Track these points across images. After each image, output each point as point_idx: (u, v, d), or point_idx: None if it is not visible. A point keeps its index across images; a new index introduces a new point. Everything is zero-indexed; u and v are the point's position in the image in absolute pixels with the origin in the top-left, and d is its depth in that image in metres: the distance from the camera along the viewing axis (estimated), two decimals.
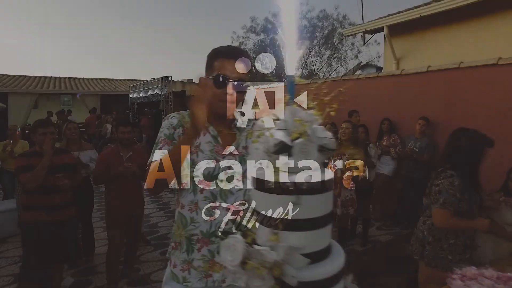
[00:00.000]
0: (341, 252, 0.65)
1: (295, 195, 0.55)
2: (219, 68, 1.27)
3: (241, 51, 1.33)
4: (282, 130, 0.61)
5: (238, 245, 0.57)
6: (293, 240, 0.57)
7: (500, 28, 5.59)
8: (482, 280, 1.48)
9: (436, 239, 2.25)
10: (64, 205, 2.84)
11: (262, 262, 0.52)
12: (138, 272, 3.66)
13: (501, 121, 4.09)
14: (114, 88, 16.72)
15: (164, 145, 1.28)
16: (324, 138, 0.62)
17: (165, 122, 1.35)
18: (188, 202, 1.31)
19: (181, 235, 1.33)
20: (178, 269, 1.32)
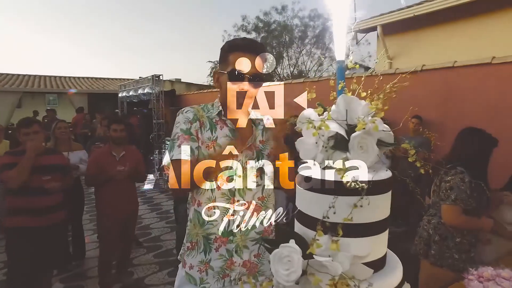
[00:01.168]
0: (397, 259, 0.58)
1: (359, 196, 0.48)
2: (234, 63, 1.22)
3: (258, 45, 1.29)
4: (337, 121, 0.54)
5: (294, 256, 0.49)
6: (355, 247, 0.49)
7: (493, 27, 5.66)
8: (500, 281, 1.45)
9: (442, 238, 2.24)
10: (52, 209, 2.68)
11: (333, 277, 0.44)
12: (131, 276, 3.54)
13: (495, 120, 4.12)
14: (102, 87, 16.37)
15: (183, 141, 1.23)
16: (382, 131, 0.55)
17: (180, 117, 1.30)
18: (205, 199, 1.27)
19: (198, 234, 1.29)
20: (195, 271, 1.28)
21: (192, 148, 1.22)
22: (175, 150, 1.21)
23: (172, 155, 1.21)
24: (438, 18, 6.25)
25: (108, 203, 3.16)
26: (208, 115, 1.31)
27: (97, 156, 3.25)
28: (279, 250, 0.51)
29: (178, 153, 1.20)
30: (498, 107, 4.17)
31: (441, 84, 4.86)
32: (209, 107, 1.35)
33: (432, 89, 4.96)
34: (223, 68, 1.27)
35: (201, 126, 1.28)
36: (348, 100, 0.56)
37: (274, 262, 0.51)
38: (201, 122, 1.29)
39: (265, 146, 1.34)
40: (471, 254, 2.21)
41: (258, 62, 1.24)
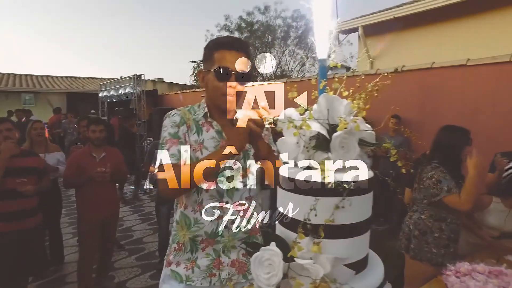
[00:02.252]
0: (379, 260, 0.58)
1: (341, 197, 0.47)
2: (220, 60, 1.21)
3: (242, 42, 1.28)
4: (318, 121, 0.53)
5: (275, 260, 0.47)
6: (337, 249, 0.49)
7: (469, 30, 5.86)
8: (476, 276, 1.50)
9: (421, 233, 2.34)
10: (28, 213, 2.58)
11: (314, 280, 0.43)
12: (112, 280, 3.45)
13: (470, 119, 4.26)
14: (82, 86, 15.93)
15: (171, 145, 1.22)
16: (364, 131, 0.55)
17: (167, 121, 1.29)
18: (191, 202, 1.27)
19: (185, 236, 1.29)
20: (181, 268, 1.28)
21: (181, 152, 1.21)
22: (164, 155, 1.21)
23: (160, 159, 1.21)
24: (417, 20, 6.42)
25: (88, 205, 3.08)
26: (195, 117, 1.30)
27: (77, 157, 3.15)
28: (260, 253, 0.50)
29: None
30: (473, 108, 4.32)
31: (420, 85, 4.99)
32: (195, 109, 1.34)
33: (411, 89, 5.08)
34: (208, 66, 1.25)
35: (188, 129, 1.28)
36: (330, 99, 0.55)
37: (254, 266, 0.50)
38: (188, 125, 1.28)
39: (251, 146, 1.31)
40: (450, 249, 2.29)
41: (244, 59, 1.22)
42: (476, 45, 5.60)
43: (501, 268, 1.54)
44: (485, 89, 4.24)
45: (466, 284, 1.42)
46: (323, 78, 0.58)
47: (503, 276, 1.48)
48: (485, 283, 1.42)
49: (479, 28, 5.70)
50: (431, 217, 2.32)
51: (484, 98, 4.24)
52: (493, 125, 4.04)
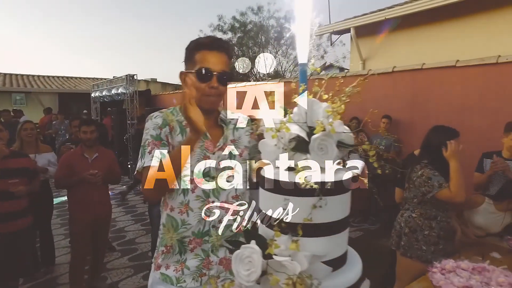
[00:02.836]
0: (357, 257, 0.60)
1: (318, 197, 0.49)
2: (201, 61, 1.20)
3: (224, 43, 1.28)
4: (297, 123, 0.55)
5: (255, 257, 0.49)
6: (314, 246, 0.51)
7: (458, 32, 5.95)
8: (460, 272, 1.54)
9: (411, 230, 2.38)
10: (19, 214, 2.57)
11: (290, 276, 0.46)
12: (105, 281, 3.44)
13: (458, 119, 4.34)
14: (74, 86, 15.78)
15: (153, 148, 1.21)
16: (342, 133, 0.57)
17: (148, 123, 1.27)
18: (177, 204, 1.25)
19: (172, 238, 1.27)
20: (171, 270, 1.27)
21: (164, 154, 1.19)
22: (146, 157, 1.20)
23: (143, 162, 1.20)
24: (408, 21, 6.50)
25: (79, 206, 3.06)
26: (178, 118, 1.29)
27: (68, 158, 3.13)
28: (240, 251, 0.52)
29: (149, 159, 1.18)
30: (461, 108, 4.40)
31: (410, 85, 5.06)
32: (178, 110, 1.32)
33: (402, 90, 5.16)
34: (189, 68, 1.24)
35: (171, 130, 1.26)
36: (309, 102, 0.57)
37: (235, 263, 0.52)
38: (171, 126, 1.27)
39: (237, 145, 1.34)
40: (439, 246, 2.33)
41: (225, 60, 1.23)
42: (465, 46, 5.69)
43: (484, 265, 1.59)
44: (473, 90, 4.32)
45: (450, 281, 1.46)
46: (303, 82, 0.59)
47: (485, 272, 1.53)
48: (468, 279, 1.46)
49: (468, 30, 5.80)
50: (421, 216, 2.37)
51: (471, 98, 4.32)
52: (480, 125, 4.12)
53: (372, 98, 5.54)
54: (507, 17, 5.37)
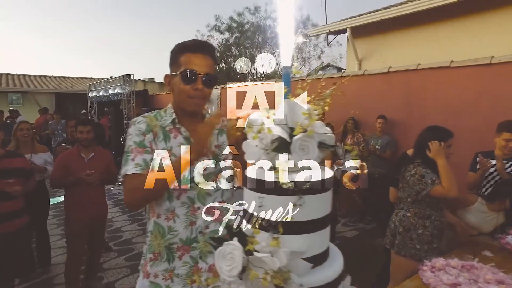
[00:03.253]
0: (339, 253, 0.62)
1: (297, 196, 0.51)
2: (186, 63, 1.20)
3: (208, 46, 1.27)
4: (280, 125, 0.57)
5: (236, 253, 0.52)
6: (295, 244, 0.53)
7: (453, 32, 6.00)
8: (449, 270, 1.56)
9: (406, 229, 2.41)
10: (15, 214, 2.58)
11: (266, 271, 0.48)
12: (101, 281, 3.44)
13: (453, 119, 4.37)
14: (71, 86, 15.73)
15: (136, 155, 1.19)
16: (323, 134, 0.59)
17: (132, 128, 1.25)
18: (163, 210, 1.24)
19: (160, 245, 1.26)
20: (160, 279, 1.25)
21: (147, 161, 1.19)
22: (128, 164, 1.18)
23: (126, 169, 1.18)
24: (403, 22, 6.53)
25: (76, 206, 3.07)
26: (161, 123, 1.27)
27: (65, 158, 3.13)
28: (223, 248, 0.54)
29: (132, 167, 1.17)
30: (456, 108, 4.43)
31: (406, 85, 5.10)
32: (162, 114, 1.31)
33: (397, 90, 5.19)
34: (174, 70, 1.24)
35: (154, 136, 1.24)
36: (291, 104, 0.59)
37: (218, 259, 0.54)
38: (154, 132, 1.25)
39: (221, 150, 1.33)
40: (433, 245, 2.36)
41: (210, 62, 1.23)
42: (460, 47, 5.74)
43: (473, 263, 1.62)
44: (467, 90, 4.36)
45: (440, 278, 1.48)
46: (287, 84, 0.61)
47: (474, 270, 1.55)
48: (457, 276, 1.49)
49: (463, 31, 5.85)
50: (415, 215, 2.40)
51: (466, 99, 4.35)
52: (474, 125, 4.16)
53: (368, 98, 5.58)
54: (501, 19, 5.42)
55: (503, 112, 3.76)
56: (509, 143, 2.82)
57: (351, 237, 4.85)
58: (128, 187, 1.17)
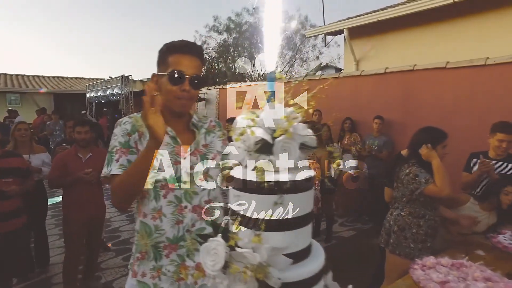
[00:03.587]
0: (321, 250, 0.65)
1: (278, 195, 0.54)
2: (174, 64, 1.20)
3: (196, 46, 1.27)
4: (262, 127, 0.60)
5: (219, 249, 0.55)
6: (276, 240, 0.56)
7: (449, 33, 6.04)
8: (439, 268, 1.59)
9: (400, 228, 2.44)
10: (13, 214, 2.60)
11: (246, 265, 0.51)
12: (99, 281, 3.47)
13: (449, 119, 4.41)
14: (69, 87, 15.74)
15: (121, 155, 1.20)
16: (305, 136, 0.62)
17: (117, 129, 1.25)
18: (150, 210, 1.25)
19: (147, 244, 1.26)
20: (147, 278, 1.26)
21: (131, 161, 1.19)
22: (113, 165, 1.18)
23: (110, 169, 1.18)
24: (400, 23, 6.57)
25: (74, 206, 3.09)
26: None
27: (62, 158, 3.16)
28: (208, 244, 0.57)
29: (116, 168, 1.17)
30: (451, 108, 4.47)
31: (402, 86, 5.13)
32: None
33: (394, 91, 5.23)
34: (162, 70, 1.23)
35: (140, 136, 1.24)
36: (275, 108, 0.62)
37: (203, 255, 0.57)
38: (140, 132, 1.25)
39: (209, 149, 1.33)
40: (427, 244, 2.40)
41: (197, 64, 1.23)
42: (456, 48, 5.78)
43: (462, 261, 1.65)
44: (462, 90, 4.40)
45: (430, 277, 1.51)
46: (270, 89, 0.64)
47: (463, 268, 1.58)
48: (446, 274, 1.52)
49: (459, 32, 5.89)
50: (410, 214, 2.43)
51: (461, 99, 4.40)
52: (470, 125, 4.20)
53: (365, 98, 5.62)
54: (496, 20, 5.47)
55: (498, 112, 3.80)
56: (502, 144, 2.85)
57: (348, 237, 4.87)
58: (112, 188, 1.17)
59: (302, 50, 16.30)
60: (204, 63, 1.28)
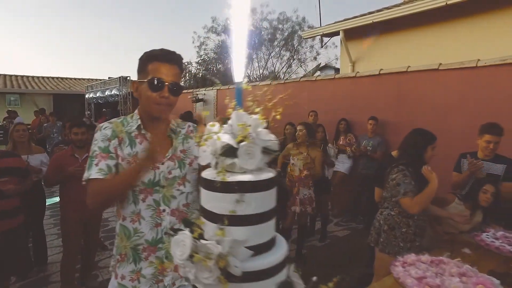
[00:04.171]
0: (284, 244, 0.72)
1: (239, 193, 0.61)
2: (153, 71, 1.24)
3: (175, 55, 1.30)
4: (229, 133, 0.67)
5: (186, 240, 0.62)
6: (237, 234, 0.62)
7: (441, 36, 6.11)
8: (419, 265, 1.66)
9: (390, 227, 2.50)
10: (10, 213, 2.64)
11: (208, 255, 0.57)
12: (96, 279, 3.53)
13: (441, 120, 4.48)
14: (68, 87, 15.80)
15: (100, 160, 1.23)
16: (268, 141, 0.69)
17: (98, 134, 1.28)
18: (129, 213, 1.28)
19: (126, 246, 1.30)
20: (127, 280, 1.29)
21: (110, 166, 1.22)
22: (92, 169, 1.22)
23: (90, 173, 1.22)
24: (394, 25, 6.63)
25: (71, 205, 3.15)
26: (127, 129, 1.31)
27: (58, 158, 3.22)
28: (177, 237, 0.64)
29: (95, 172, 1.21)
30: (443, 109, 4.54)
31: (396, 87, 5.20)
32: (128, 120, 1.34)
33: (388, 92, 5.29)
34: (142, 77, 1.27)
35: (120, 142, 1.27)
36: (240, 115, 0.69)
37: (173, 246, 0.64)
38: (120, 138, 1.28)
39: (186, 155, 1.35)
40: (416, 243, 2.46)
41: (176, 72, 1.27)
42: (449, 50, 5.86)
43: (442, 258, 1.71)
44: (454, 92, 4.47)
45: (409, 273, 1.58)
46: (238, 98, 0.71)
47: (442, 264, 1.65)
48: (425, 271, 1.58)
49: (451, 34, 5.96)
50: (400, 214, 2.49)
51: (452, 100, 4.46)
52: (461, 125, 4.26)
53: (360, 99, 5.68)
54: (487, 23, 5.55)
55: (488, 113, 3.86)
56: (489, 145, 2.91)
57: (342, 236, 4.93)
58: (90, 191, 1.21)
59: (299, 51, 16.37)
60: (183, 71, 1.32)
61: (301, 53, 16.38)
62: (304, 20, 15.88)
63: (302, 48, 16.17)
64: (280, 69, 16.74)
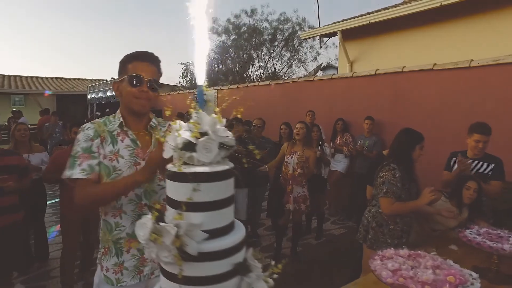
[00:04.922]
0: (242, 229, 0.80)
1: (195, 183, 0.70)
2: (132, 70, 1.31)
3: (153, 55, 1.37)
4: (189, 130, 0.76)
5: (148, 223, 0.70)
6: (194, 218, 0.71)
7: (436, 37, 6.16)
8: (396, 259, 1.72)
9: (378, 224, 2.57)
10: (9, 209, 2.72)
11: (165, 236, 0.66)
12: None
13: (435, 119, 4.53)
14: (71, 88, 15.99)
15: (83, 160, 1.28)
16: (225, 137, 0.77)
17: (80, 135, 1.33)
18: (110, 208, 1.34)
19: (108, 240, 1.36)
20: (110, 273, 1.36)
21: (92, 166, 1.28)
22: (75, 169, 1.27)
23: (72, 173, 1.27)
24: (391, 26, 6.68)
25: (70, 203, 3.24)
26: (109, 128, 1.36)
27: (58, 156, 3.30)
28: (141, 220, 0.73)
29: (78, 171, 1.26)
30: (437, 108, 4.58)
31: (392, 87, 5.25)
32: (110, 119, 1.40)
33: (384, 92, 5.34)
34: (122, 77, 1.34)
35: (102, 141, 1.32)
36: (200, 115, 0.78)
37: (137, 228, 0.73)
38: (102, 137, 1.33)
39: None
40: (403, 240, 2.53)
41: (155, 70, 1.35)
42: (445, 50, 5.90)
43: (419, 252, 1.78)
44: (448, 91, 4.51)
45: (386, 265, 1.65)
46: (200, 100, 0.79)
47: (418, 258, 1.71)
48: (402, 264, 1.65)
49: (446, 35, 6.01)
50: None
51: (446, 100, 4.51)
52: (454, 125, 4.30)
53: (356, 99, 5.74)
54: (481, 24, 5.59)
55: (481, 113, 3.91)
56: (478, 144, 2.96)
57: (338, 235, 4.99)
58: (80, 191, 1.26)
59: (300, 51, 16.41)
60: (161, 72, 1.39)
61: (301, 53, 16.43)
62: (304, 20, 15.94)
63: (302, 48, 16.21)
64: (281, 69, 16.80)
